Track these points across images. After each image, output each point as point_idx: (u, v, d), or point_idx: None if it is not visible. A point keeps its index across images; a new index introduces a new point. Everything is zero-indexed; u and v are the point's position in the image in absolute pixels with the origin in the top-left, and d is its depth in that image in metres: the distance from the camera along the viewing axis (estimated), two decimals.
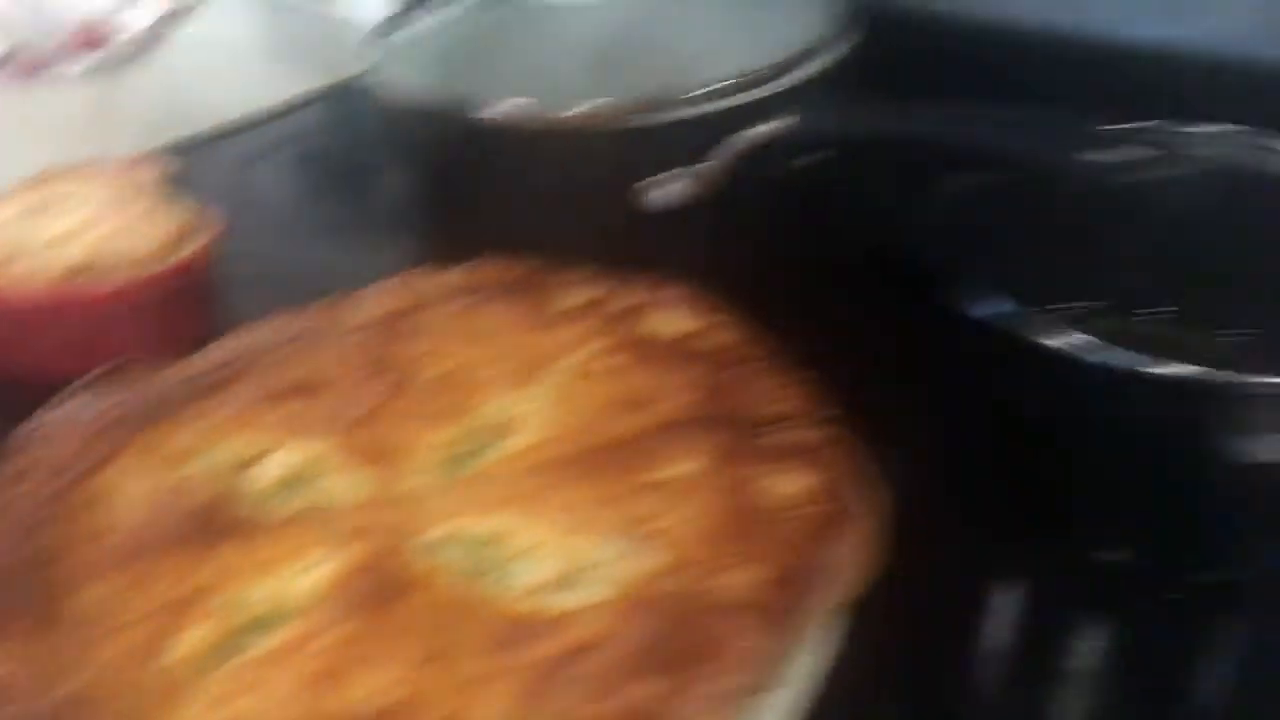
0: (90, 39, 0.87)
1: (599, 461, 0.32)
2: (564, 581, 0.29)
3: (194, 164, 0.66)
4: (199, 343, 0.40)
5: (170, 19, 0.89)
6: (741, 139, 0.46)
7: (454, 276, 0.41)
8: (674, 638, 0.26)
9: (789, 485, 0.31)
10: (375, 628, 0.27)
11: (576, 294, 0.39)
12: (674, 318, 0.38)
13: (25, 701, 0.26)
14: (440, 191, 0.56)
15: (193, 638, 0.27)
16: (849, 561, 0.30)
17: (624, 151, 0.48)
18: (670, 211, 0.46)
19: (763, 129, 0.46)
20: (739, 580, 0.28)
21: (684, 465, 0.31)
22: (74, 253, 0.52)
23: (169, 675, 0.26)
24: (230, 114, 0.81)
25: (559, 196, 0.49)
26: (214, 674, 0.26)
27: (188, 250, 0.54)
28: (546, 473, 0.32)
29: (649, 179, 0.46)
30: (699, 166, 0.46)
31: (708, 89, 0.48)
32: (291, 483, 0.33)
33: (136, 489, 0.32)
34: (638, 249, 0.40)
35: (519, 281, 0.40)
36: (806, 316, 0.40)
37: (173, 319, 0.50)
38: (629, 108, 0.48)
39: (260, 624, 0.28)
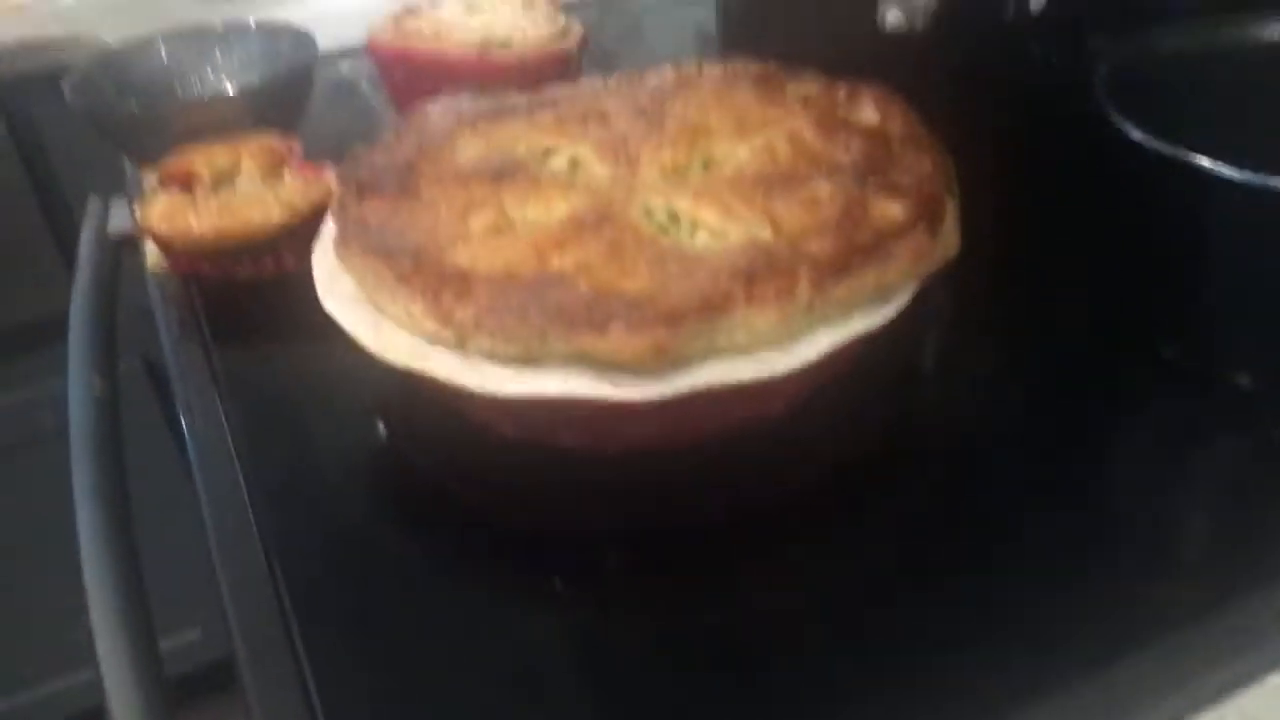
0: None
1: (767, 184, 0.48)
2: (714, 238, 0.47)
3: (606, 5, 1.07)
4: None
5: None
6: None
7: (717, 68, 0.59)
8: (759, 261, 0.43)
9: (890, 210, 0.46)
10: (586, 233, 0.46)
11: (801, 87, 0.56)
12: (863, 111, 0.54)
13: (383, 234, 0.48)
14: (739, 9, 0.76)
15: (480, 220, 0.48)
16: (910, 260, 0.45)
17: None
18: (898, 32, 0.62)
19: None
20: (814, 246, 0.44)
21: (821, 190, 0.47)
22: (490, 35, 0.80)
23: (462, 236, 0.47)
24: None
25: (818, 12, 0.66)
26: (486, 240, 0.47)
27: (562, 43, 0.81)
28: (731, 186, 0.48)
29: (887, 3, 0.62)
30: None
31: None
32: (570, 166, 0.53)
33: (474, 149, 0.54)
34: (866, 59, 0.57)
35: (763, 75, 0.58)
36: (969, 120, 0.54)
37: (547, 82, 0.71)
38: None
39: (517, 224, 0.49)
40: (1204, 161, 0.45)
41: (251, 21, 0.85)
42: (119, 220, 0.84)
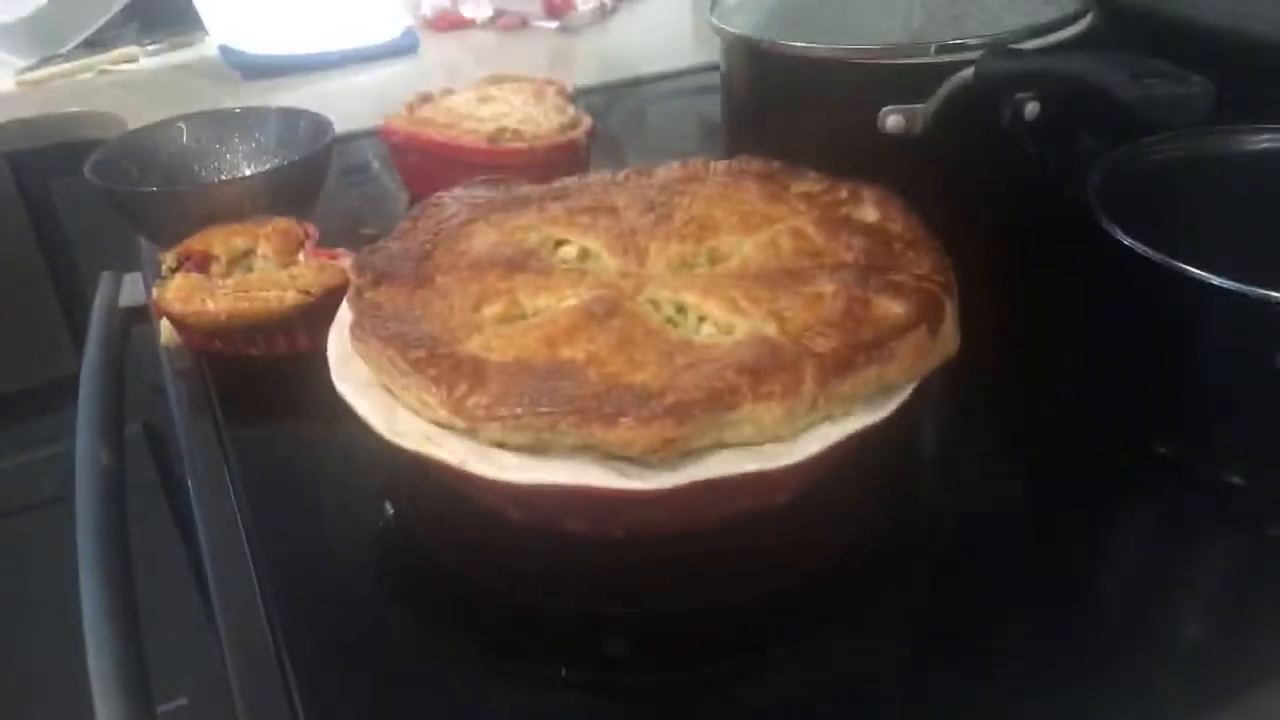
0: (556, 6, 1.37)
1: (771, 280, 0.50)
2: (720, 332, 0.48)
3: (613, 95, 1.12)
4: None
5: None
6: (955, 81, 0.61)
7: (723, 164, 0.62)
8: (765, 357, 0.45)
9: (892, 309, 0.47)
10: (595, 324, 0.48)
11: (804, 185, 0.58)
12: (864, 210, 0.56)
13: (398, 322, 0.49)
14: (743, 105, 0.77)
15: (493, 309, 0.50)
16: (911, 359, 0.46)
17: (875, 85, 0.65)
18: (897, 135, 0.64)
19: (966, 73, 0.61)
20: (818, 343, 0.45)
21: (824, 287, 0.49)
22: (502, 124, 0.82)
23: (476, 325, 0.49)
24: (649, 70, 1.19)
25: (820, 114, 0.68)
26: (497, 328, 0.49)
27: (572, 133, 0.83)
28: (737, 281, 0.50)
29: (887, 108, 0.64)
30: (924, 103, 0.63)
31: (959, 40, 0.63)
32: (580, 258, 0.55)
33: (487, 238, 0.56)
34: (866, 158, 0.59)
35: (767, 173, 0.60)
36: (966, 220, 0.57)
37: (556, 169, 0.75)
38: (886, 51, 0.65)
39: (529, 313, 0.50)
40: (1191, 269, 0.47)
41: (271, 105, 0.88)
42: (130, 295, 0.86)
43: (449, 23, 1.39)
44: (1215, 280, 0.47)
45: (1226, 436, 0.52)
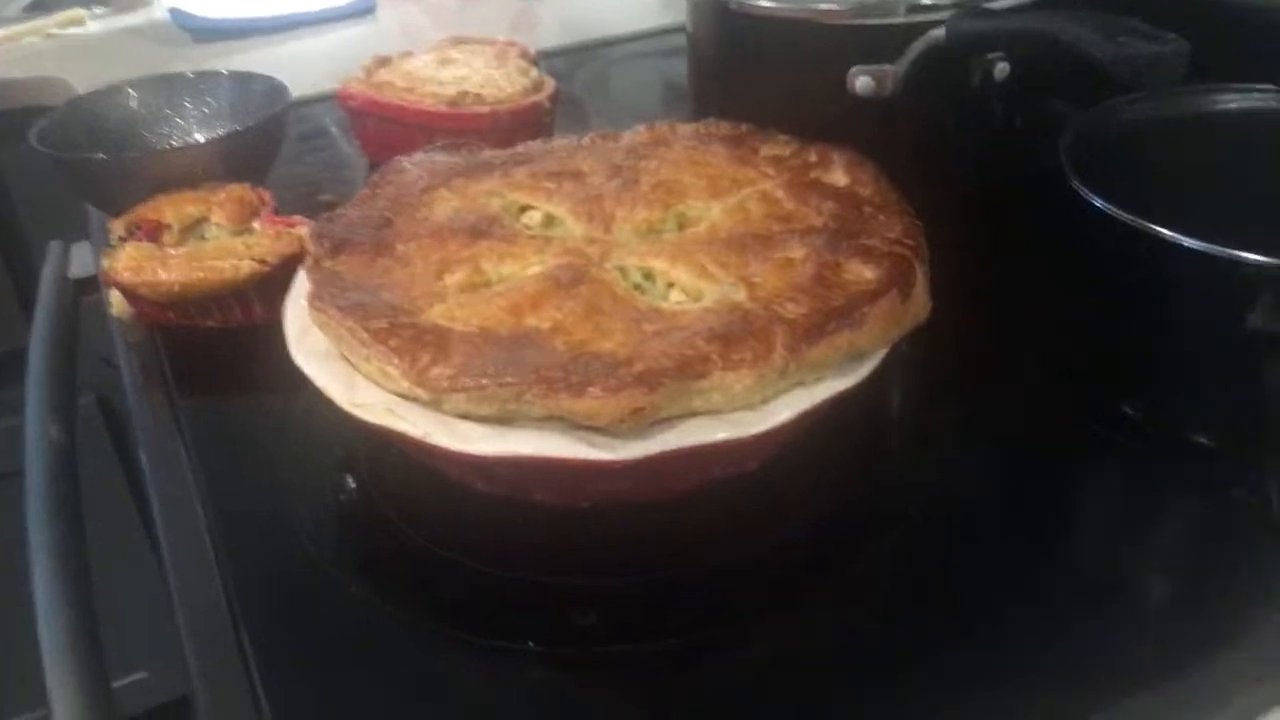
0: None
1: (741, 245, 0.49)
2: (688, 298, 0.48)
3: (576, 58, 1.10)
4: None
5: None
6: (926, 41, 0.61)
7: (690, 127, 0.61)
8: (735, 324, 0.44)
9: (863, 274, 0.47)
10: (561, 292, 0.47)
11: (773, 148, 0.57)
12: (834, 173, 0.55)
13: (358, 292, 0.48)
14: (710, 67, 0.76)
15: (456, 277, 0.49)
16: (883, 325, 0.45)
17: (844, 45, 0.64)
18: (867, 96, 0.63)
19: (938, 33, 0.60)
20: (789, 309, 0.44)
21: (794, 251, 0.48)
22: (463, 88, 0.80)
23: (438, 293, 0.48)
24: (613, 32, 1.17)
25: (789, 75, 0.67)
26: (460, 297, 0.48)
27: (535, 97, 0.82)
28: (705, 246, 0.49)
29: (857, 69, 0.63)
30: (894, 64, 0.62)
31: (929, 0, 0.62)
32: (545, 224, 0.54)
33: (449, 204, 0.55)
34: (835, 120, 0.59)
35: (735, 136, 0.59)
36: (936, 183, 0.56)
37: (519, 134, 0.73)
38: (856, 10, 0.64)
39: (493, 280, 0.49)
40: (1162, 230, 0.47)
41: (223, 69, 0.85)
42: (80, 265, 0.83)
43: None
44: (1186, 241, 0.46)
45: (1195, 399, 0.52)
